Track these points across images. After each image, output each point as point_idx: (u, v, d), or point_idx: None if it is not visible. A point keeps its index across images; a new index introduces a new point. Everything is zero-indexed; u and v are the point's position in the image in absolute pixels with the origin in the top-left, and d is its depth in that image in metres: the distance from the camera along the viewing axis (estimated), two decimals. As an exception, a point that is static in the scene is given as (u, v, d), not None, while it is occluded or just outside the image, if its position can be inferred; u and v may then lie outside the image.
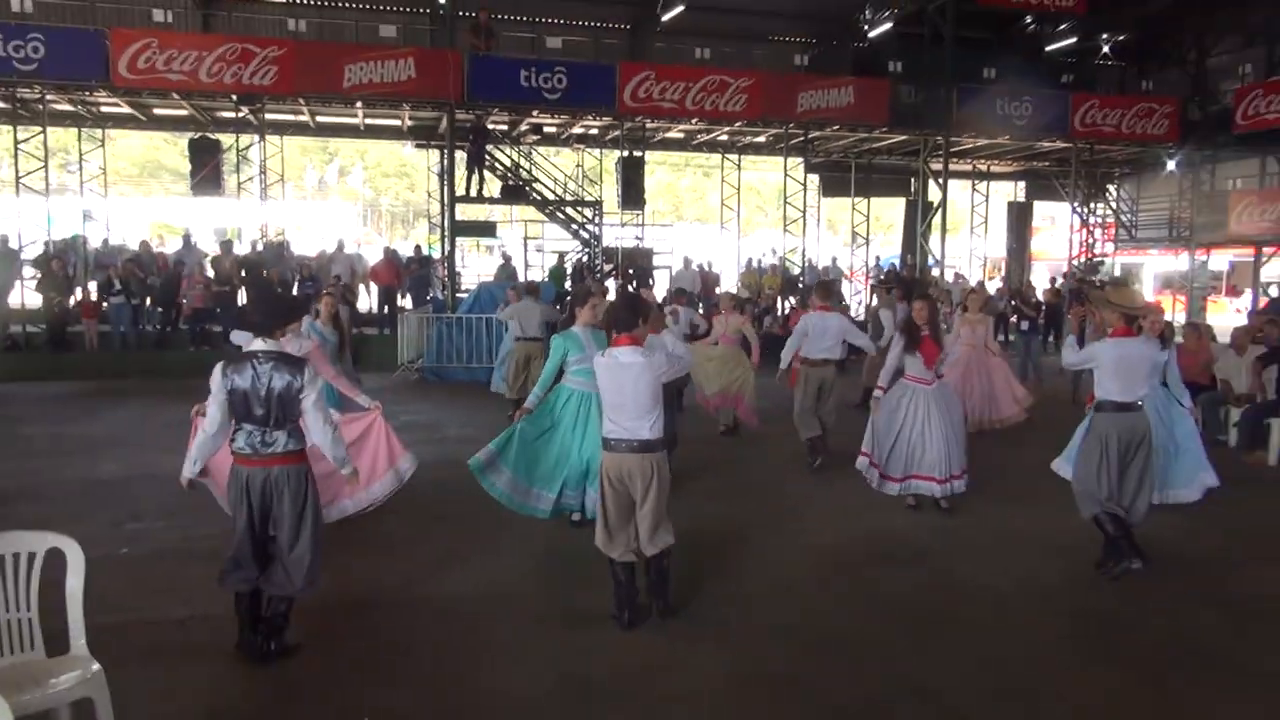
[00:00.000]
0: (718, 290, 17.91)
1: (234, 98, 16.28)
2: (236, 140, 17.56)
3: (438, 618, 4.76)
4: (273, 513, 4.06)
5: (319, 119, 20.14)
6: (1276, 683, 4.12)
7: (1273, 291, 18.49)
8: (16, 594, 3.20)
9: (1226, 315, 20.67)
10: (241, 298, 15.31)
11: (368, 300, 19.20)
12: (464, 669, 4.15)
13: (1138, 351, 5.28)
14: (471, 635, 4.54)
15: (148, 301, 15.94)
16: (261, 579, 4.09)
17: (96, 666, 3.10)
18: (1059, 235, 24.60)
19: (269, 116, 17.95)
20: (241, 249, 18.22)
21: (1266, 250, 20.49)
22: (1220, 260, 23.57)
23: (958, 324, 9.86)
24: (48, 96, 16.47)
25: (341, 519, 6.13)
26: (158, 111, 19.19)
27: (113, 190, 21.93)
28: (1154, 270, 25.88)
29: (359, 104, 17.17)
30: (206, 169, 17.19)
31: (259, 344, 4.03)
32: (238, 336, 5.63)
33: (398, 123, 20.24)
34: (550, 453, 6.18)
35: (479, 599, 5.04)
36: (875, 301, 15.77)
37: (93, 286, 16.14)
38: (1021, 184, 26.89)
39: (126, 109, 18.33)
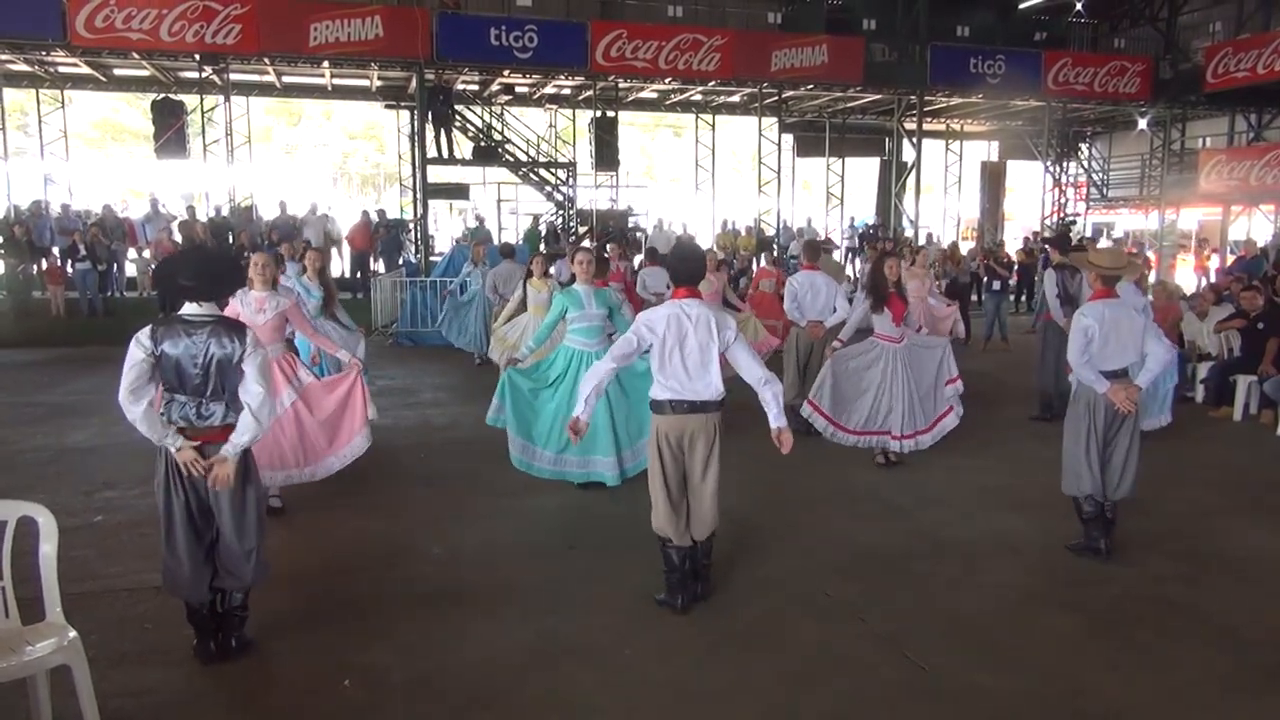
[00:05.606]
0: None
1: (197, 57, 15.91)
2: (201, 101, 17.19)
3: (415, 579, 4.78)
4: (209, 496, 3.68)
5: (285, 79, 19.80)
6: (1234, 634, 4.23)
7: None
8: (-11, 563, 3.16)
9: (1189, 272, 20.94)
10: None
11: (340, 264, 18.95)
12: (441, 629, 4.18)
13: (1122, 314, 4.96)
14: (449, 596, 4.56)
15: (115, 268, 15.67)
16: (214, 580, 3.77)
17: (73, 634, 3.08)
18: (1031, 196, 24.73)
19: (234, 77, 17.57)
20: (209, 211, 17.92)
21: (1234, 209, 20.72)
22: (1190, 218, 23.79)
23: (904, 278, 9.97)
24: (2, 57, 16.02)
25: (320, 479, 6.09)
26: (118, 72, 18.76)
27: (74, 153, 21.39)
28: (1124, 228, 26.12)
29: (326, 64, 16.85)
30: (170, 131, 16.85)
31: (193, 308, 3.64)
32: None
33: (366, 83, 19.92)
34: (549, 410, 6.11)
35: (455, 560, 5.06)
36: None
37: (57, 252, 15.83)
38: (994, 144, 26.96)
39: (86, 69, 17.88)
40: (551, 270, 9.46)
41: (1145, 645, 4.11)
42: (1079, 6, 21.51)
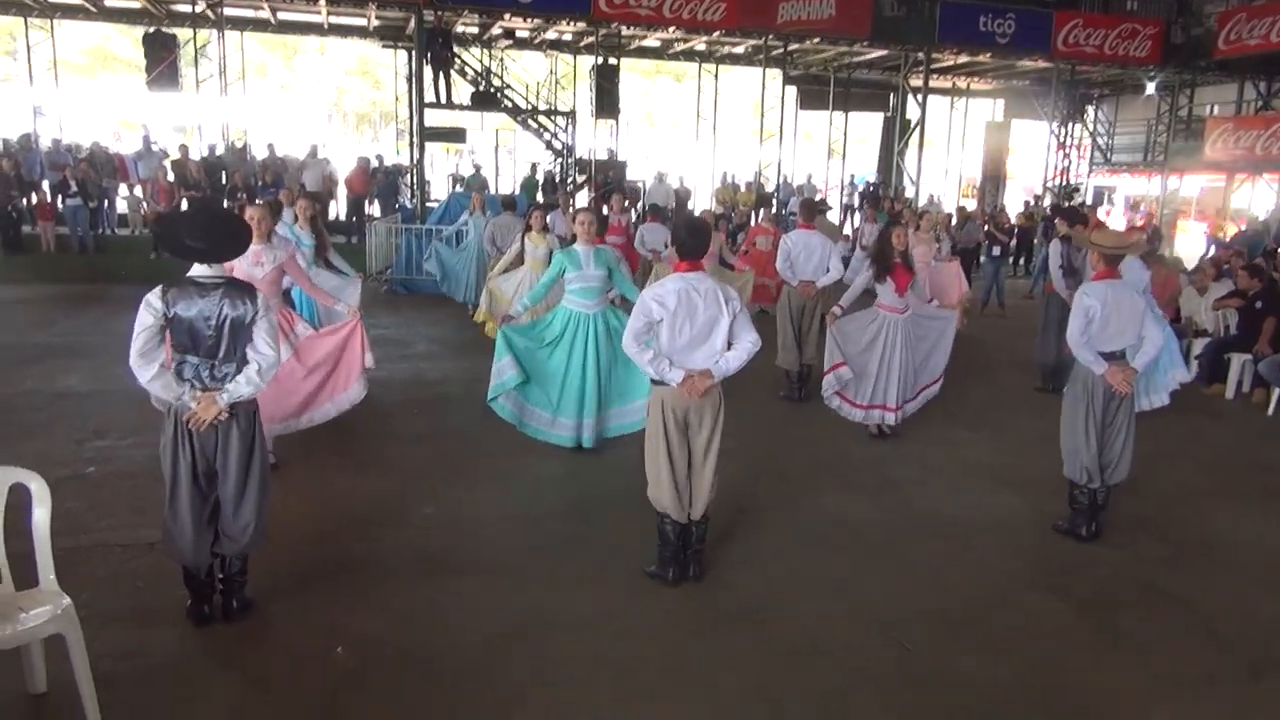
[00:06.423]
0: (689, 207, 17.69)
1: (190, -10, 15.51)
2: (194, 36, 16.77)
3: (408, 544, 4.78)
4: (217, 458, 3.68)
5: (280, 15, 19.31)
6: (1216, 622, 4.28)
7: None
8: (-21, 528, 3.13)
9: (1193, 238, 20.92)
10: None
11: (336, 208, 18.73)
12: (433, 596, 4.19)
13: (1124, 295, 4.95)
14: (441, 563, 4.57)
15: (106, 204, 15.44)
16: (214, 545, 3.77)
17: (67, 601, 3.06)
18: (1034, 156, 24.48)
19: (228, 11, 17.13)
20: (201, 148, 17.62)
21: (1238, 177, 20.58)
22: (1192, 185, 23.62)
23: (911, 242, 9.91)
24: (-10, -17, 15.57)
25: (311, 436, 6.06)
26: (109, 3, 18.25)
27: (64, 82, 20.92)
28: (1126, 193, 25.95)
29: (322, 1, 16.43)
30: (163, 65, 16.47)
31: (202, 269, 3.63)
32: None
33: (363, 21, 19.46)
34: (546, 371, 6.09)
35: (448, 525, 5.06)
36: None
37: (47, 187, 15.58)
38: (999, 102, 26.59)
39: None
40: (548, 219, 9.32)
41: (1130, 632, 4.15)
42: (1092, -35, 21.07)
